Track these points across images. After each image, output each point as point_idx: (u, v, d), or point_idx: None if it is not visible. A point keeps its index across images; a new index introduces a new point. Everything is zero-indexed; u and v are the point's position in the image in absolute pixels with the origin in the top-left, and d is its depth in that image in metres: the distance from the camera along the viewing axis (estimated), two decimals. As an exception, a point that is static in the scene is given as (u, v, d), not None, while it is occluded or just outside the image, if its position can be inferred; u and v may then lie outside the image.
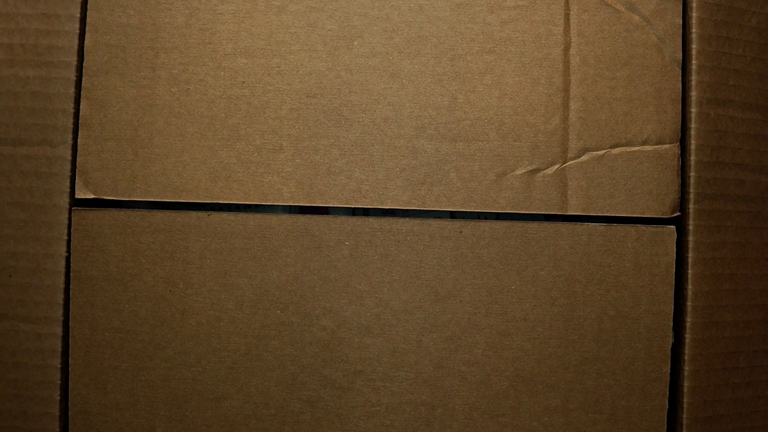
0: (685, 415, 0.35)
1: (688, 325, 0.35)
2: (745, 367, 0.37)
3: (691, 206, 0.36)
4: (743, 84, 0.37)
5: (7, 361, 0.37)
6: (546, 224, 0.36)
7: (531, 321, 0.35)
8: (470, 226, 0.36)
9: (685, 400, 0.35)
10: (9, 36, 0.37)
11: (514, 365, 0.35)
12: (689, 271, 0.35)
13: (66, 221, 0.36)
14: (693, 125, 0.36)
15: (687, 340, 0.35)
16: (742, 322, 0.37)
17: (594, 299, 0.35)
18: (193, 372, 0.36)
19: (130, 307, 0.36)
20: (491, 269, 0.36)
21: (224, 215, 0.36)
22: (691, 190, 0.36)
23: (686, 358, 0.35)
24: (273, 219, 0.36)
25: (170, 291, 0.36)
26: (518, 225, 0.36)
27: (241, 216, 0.36)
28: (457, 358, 0.35)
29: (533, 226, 0.36)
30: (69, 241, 0.36)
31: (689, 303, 0.35)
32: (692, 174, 0.36)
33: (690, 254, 0.35)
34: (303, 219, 0.36)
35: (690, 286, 0.35)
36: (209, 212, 0.36)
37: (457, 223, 0.36)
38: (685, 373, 0.35)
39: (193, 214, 0.36)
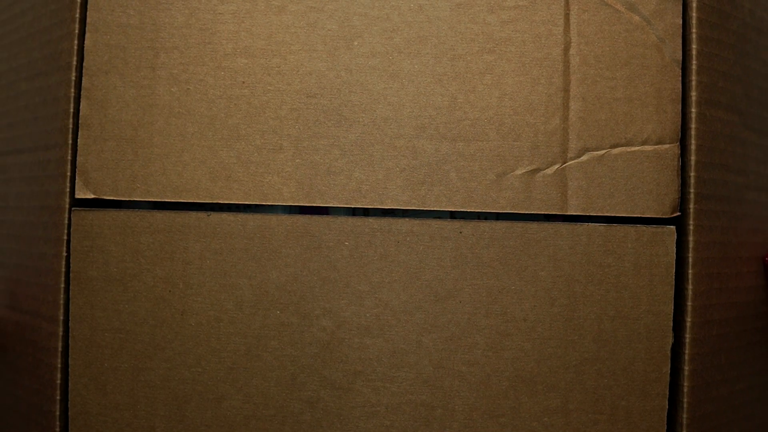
0: (685, 415, 0.35)
1: (688, 325, 0.35)
2: (725, 364, 0.37)
3: (692, 206, 0.36)
4: (727, 86, 0.37)
5: (35, 356, 0.37)
6: (546, 224, 0.36)
7: (531, 321, 0.35)
8: (470, 226, 0.36)
9: (685, 400, 0.35)
10: (46, 47, 0.39)
11: (514, 365, 0.35)
12: (689, 271, 0.35)
13: (66, 221, 0.36)
14: (693, 125, 0.36)
15: (687, 340, 0.35)
16: (724, 320, 0.37)
17: (594, 299, 0.35)
18: (193, 372, 0.36)
19: (130, 307, 0.36)
20: (491, 269, 0.35)
21: (224, 215, 0.36)
22: (692, 190, 0.36)
23: (686, 358, 0.35)
24: (273, 219, 0.36)
25: (170, 291, 0.36)
26: (518, 225, 0.36)
27: (241, 216, 0.36)
28: (457, 358, 0.35)
29: (533, 226, 0.36)
30: (68, 241, 0.36)
31: (689, 303, 0.35)
32: (692, 174, 0.36)
33: (690, 254, 0.35)
34: (303, 219, 0.36)
35: (690, 286, 0.35)
36: (209, 212, 0.36)
37: (457, 224, 0.36)
38: (685, 373, 0.35)
39: (193, 214, 0.36)
